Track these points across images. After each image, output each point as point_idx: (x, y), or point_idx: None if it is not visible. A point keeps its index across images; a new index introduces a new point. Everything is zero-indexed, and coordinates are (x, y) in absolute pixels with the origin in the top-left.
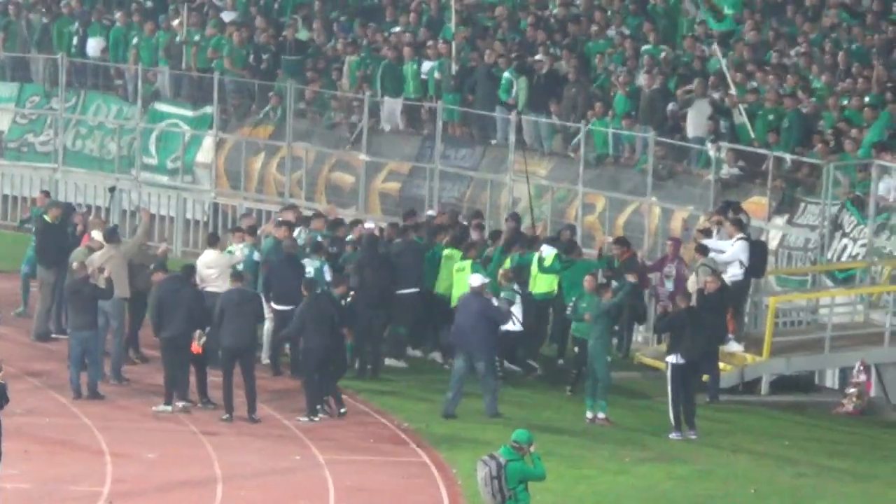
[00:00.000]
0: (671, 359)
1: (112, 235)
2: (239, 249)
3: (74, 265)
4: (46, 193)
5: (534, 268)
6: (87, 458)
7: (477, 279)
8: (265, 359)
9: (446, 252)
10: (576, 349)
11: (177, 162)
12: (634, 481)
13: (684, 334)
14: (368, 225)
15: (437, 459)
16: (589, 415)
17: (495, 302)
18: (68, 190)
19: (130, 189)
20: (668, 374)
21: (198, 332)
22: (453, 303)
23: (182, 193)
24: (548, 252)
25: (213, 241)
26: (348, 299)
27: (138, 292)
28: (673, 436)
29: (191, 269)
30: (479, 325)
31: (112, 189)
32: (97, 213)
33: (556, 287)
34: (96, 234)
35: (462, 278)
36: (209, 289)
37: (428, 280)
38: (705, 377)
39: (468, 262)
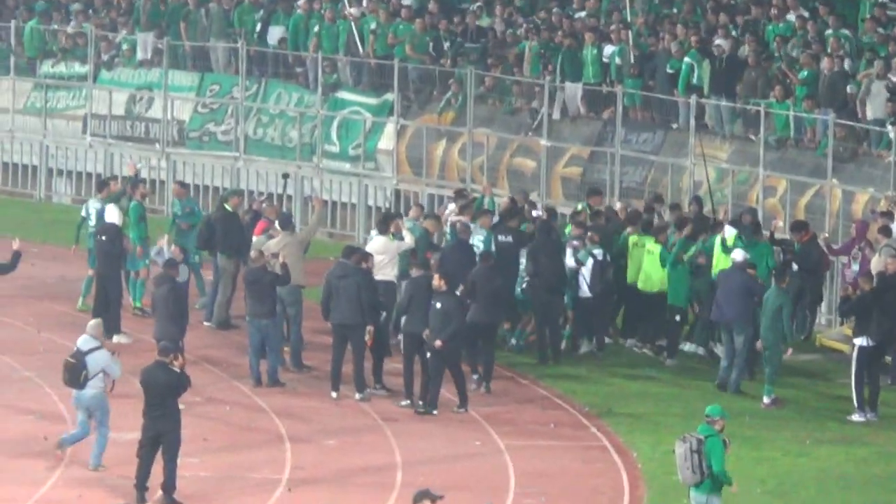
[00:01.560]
0: (859, 341)
1: (287, 222)
2: (409, 235)
3: (252, 254)
4: (182, 184)
5: (716, 250)
6: (266, 446)
7: (740, 254)
8: None
9: (633, 239)
10: (720, 339)
11: (358, 149)
12: (814, 463)
13: (871, 316)
14: (536, 212)
15: (617, 443)
16: (766, 400)
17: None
18: (250, 178)
19: (312, 176)
20: (854, 355)
21: (368, 328)
22: (641, 286)
23: (364, 180)
24: (730, 233)
25: (384, 227)
26: (523, 285)
27: None
28: (855, 417)
29: (350, 251)
30: (740, 299)
31: (286, 176)
32: (270, 201)
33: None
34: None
35: (652, 260)
36: (378, 277)
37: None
38: (888, 359)
39: (657, 247)
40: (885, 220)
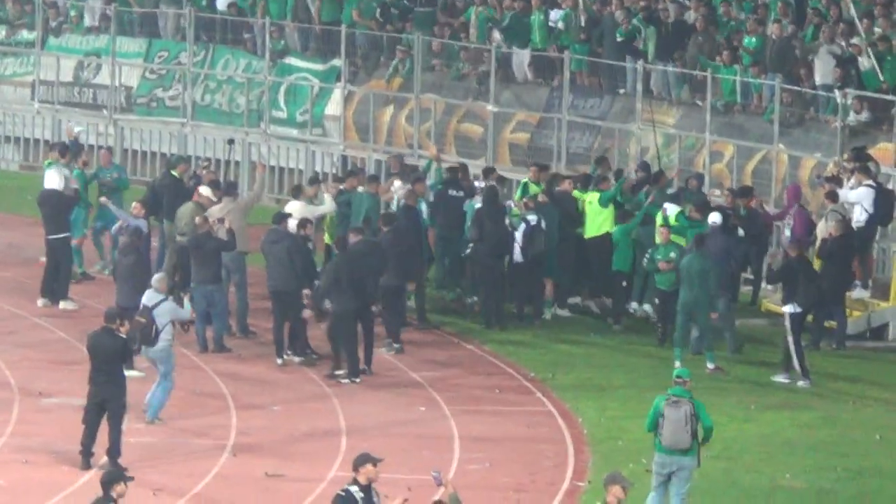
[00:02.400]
0: (788, 308)
1: (231, 188)
2: (328, 197)
3: (196, 220)
4: (108, 150)
5: (659, 223)
6: (212, 411)
7: (718, 216)
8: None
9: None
10: (656, 301)
11: (306, 115)
12: (759, 429)
13: (798, 283)
14: (479, 184)
15: (562, 409)
16: (677, 364)
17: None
18: (197, 144)
19: (260, 143)
20: (787, 324)
21: (305, 292)
22: (587, 234)
23: (311, 146)
24: (672, 211)
25: (297, 192)
26: (468, 251)
27: None
28: (801, 383)
29: (280, 217)
30: (721, 262)
31: (231, 141)
32: (208, 167)
33: (683, 244)
34: (204, 190)
35: (592, 210)
36: None
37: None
38: (828, 323)
39: (596, 195)
40: (831, 185)
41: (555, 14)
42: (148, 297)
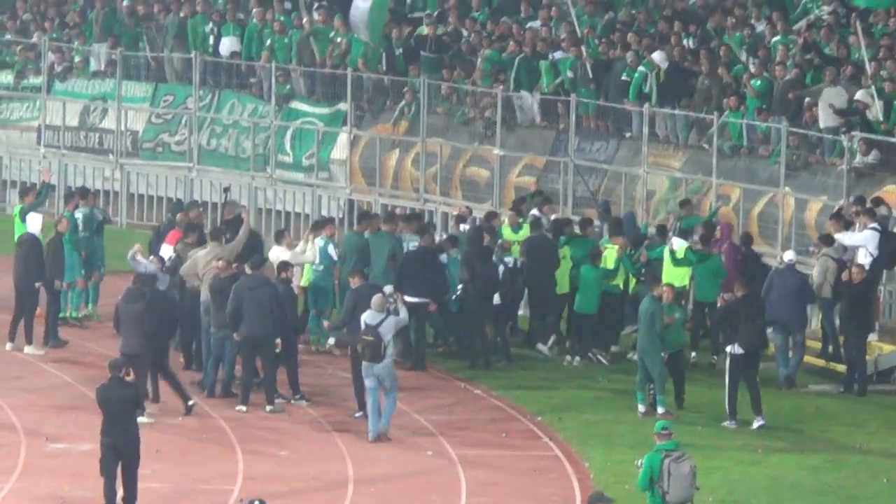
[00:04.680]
0: (730, 349)
1: (217, 233)
2: (311, 246)
3: (220, 264)
4: (87, 190)
5: (666, 262)
6: (219, 457)
7: (791, 254)
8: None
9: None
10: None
11: (312, 159)
12: (766, 471)
13: (740, 322)
14: (464, 226)
15: (569, 453)
16: (641, 409)
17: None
18: (203, 189)
19: (266, 187)
20: (727, 364)
21: (277, 340)
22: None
23: (317, 190)
24: (679, 245)
25: (279, 237)
26: (457, 291)
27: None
28: (727, 424)
29: (259, 262)
30: (795, 298)
31: (227, 189)
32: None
33: (687, 281)
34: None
35: (565, 263)
36: None
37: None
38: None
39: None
40: (837, 228)
41: (558, 55)
42: (370, 317)
